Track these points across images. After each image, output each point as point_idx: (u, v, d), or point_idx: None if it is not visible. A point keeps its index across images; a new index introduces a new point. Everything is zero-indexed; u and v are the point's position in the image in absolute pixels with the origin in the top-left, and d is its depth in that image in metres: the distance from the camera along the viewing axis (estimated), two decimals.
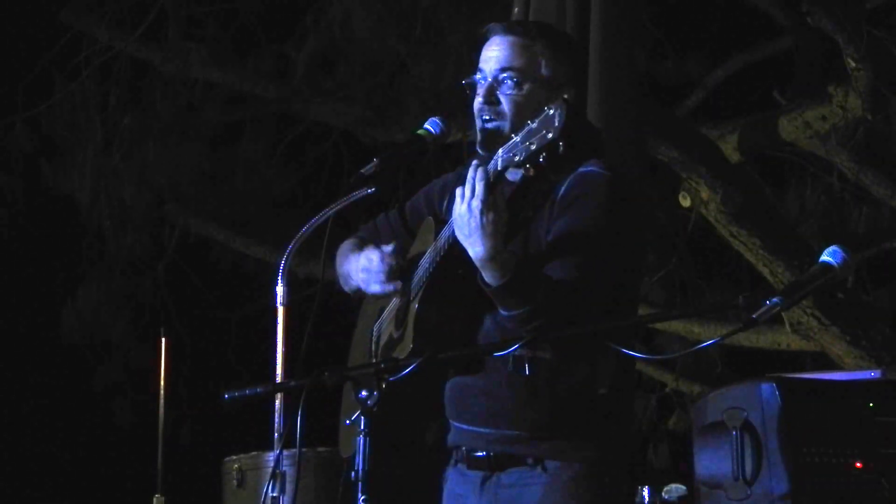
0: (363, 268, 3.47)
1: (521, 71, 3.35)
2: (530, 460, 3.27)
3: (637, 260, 3.49)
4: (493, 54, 3.38)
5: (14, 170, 8.95)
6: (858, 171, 7.68)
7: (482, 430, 3.31)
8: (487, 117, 3.35)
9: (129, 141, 8.80)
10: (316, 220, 3.68)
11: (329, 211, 3.62)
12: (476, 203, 3.09)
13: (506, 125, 3.33)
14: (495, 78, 3.36)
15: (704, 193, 7.00)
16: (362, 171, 3.40)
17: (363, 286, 3.50)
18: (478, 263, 3.13)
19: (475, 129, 3.39)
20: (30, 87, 8.78)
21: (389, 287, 3.43)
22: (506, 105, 3.34)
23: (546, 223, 3.27)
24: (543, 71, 3.37)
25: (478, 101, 3.38)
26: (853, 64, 6.59)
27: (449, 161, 7.53)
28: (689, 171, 7.01)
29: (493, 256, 3.11)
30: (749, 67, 9.10)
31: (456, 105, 6.99)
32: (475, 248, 3.11)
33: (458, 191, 3.15)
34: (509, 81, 3.35)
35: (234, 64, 8.68)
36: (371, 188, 3.42)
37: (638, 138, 4.93)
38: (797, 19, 8.01)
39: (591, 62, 4.74)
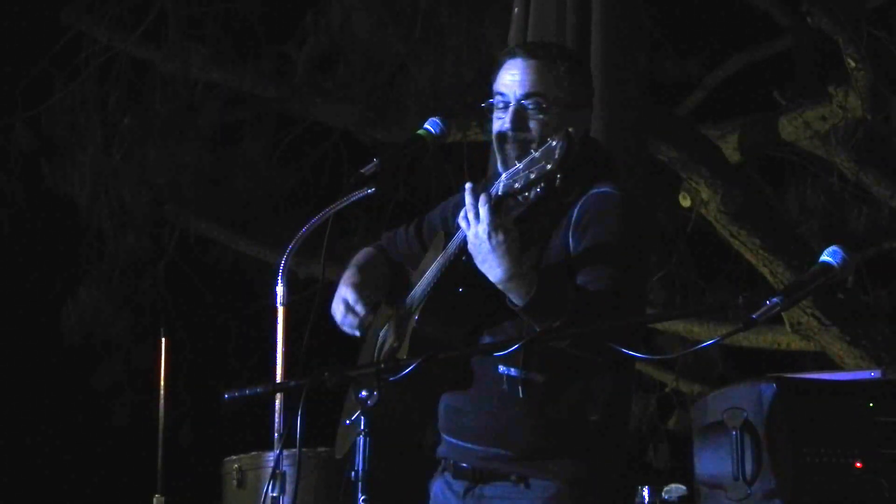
0: (339, 300, 3.54)
1: (546, 96, 3.34)
2: (514, 476, 3.30)
3: (646, 271, 3.52)
4: (517, 78, 3.37)
5: (14, 170, 8.95)
6: (858, 171, 7.68)
7: (471, 446, 3.35)
8: (515, 141, 3.33)
9: (129, 141, 8.80)
10: (316, 221, 3.68)
11: (329, 211, 3.61)
12: (483, 227, 3.06)
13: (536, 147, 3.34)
14: (520, 103, 3.35)
15: (704, 193, 7.00)
16: (362, 171, 3.39)
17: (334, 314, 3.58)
18: (500, 286, 3.11)
19: (493, 150, 3.40)
20: (30, 87, 8.78)
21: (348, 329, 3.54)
22: (535, 130, 3.33)
23: (560, 242, 3.28)
24: (566, 94, 3.36)
25: (503, 125, 3.36)
26: (853, 64, 6.59)
27: (449, 161, 7.55)
28: (689, 171, 7.01)
29: (511, 276, 3.08)
30: (749, 67, 9.11)
31: (456, 105, 7.00)
32: (493, 271, 3.09)
33: (461, 221, 3.13)
34: (535, 106, 3.34)
35: (234, 64, 8.67)
36: (371, 188, 3.42)
37: (639, 139, 4.93)
38: (797, 19, 8.02)
39: (593, 63, 4.74)
